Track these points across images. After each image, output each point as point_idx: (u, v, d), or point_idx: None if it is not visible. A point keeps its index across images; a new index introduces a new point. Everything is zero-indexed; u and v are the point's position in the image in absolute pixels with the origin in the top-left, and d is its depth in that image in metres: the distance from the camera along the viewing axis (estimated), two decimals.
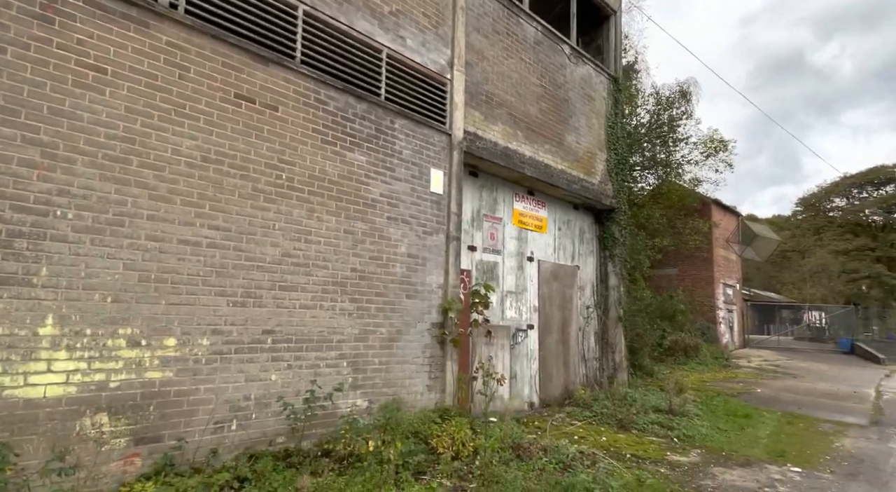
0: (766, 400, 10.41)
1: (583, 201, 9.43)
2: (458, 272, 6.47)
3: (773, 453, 6.02)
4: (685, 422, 7.25)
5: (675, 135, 20.29)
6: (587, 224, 9.88)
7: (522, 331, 8.05)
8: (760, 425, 7.76)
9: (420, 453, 4.43)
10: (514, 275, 8.05)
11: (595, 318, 9.66)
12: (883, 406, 10.41)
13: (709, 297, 24.37)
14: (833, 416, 9.01)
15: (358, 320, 5.19)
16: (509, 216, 8.11)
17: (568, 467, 4.66)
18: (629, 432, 6.71)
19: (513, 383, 7.69)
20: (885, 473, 5.49)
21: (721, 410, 8.72)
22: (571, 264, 9.32)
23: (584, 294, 9.56)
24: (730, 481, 4.89)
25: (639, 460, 5.41)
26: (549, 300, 8.65)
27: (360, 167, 5.38)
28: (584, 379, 9.17)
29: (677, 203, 20.21)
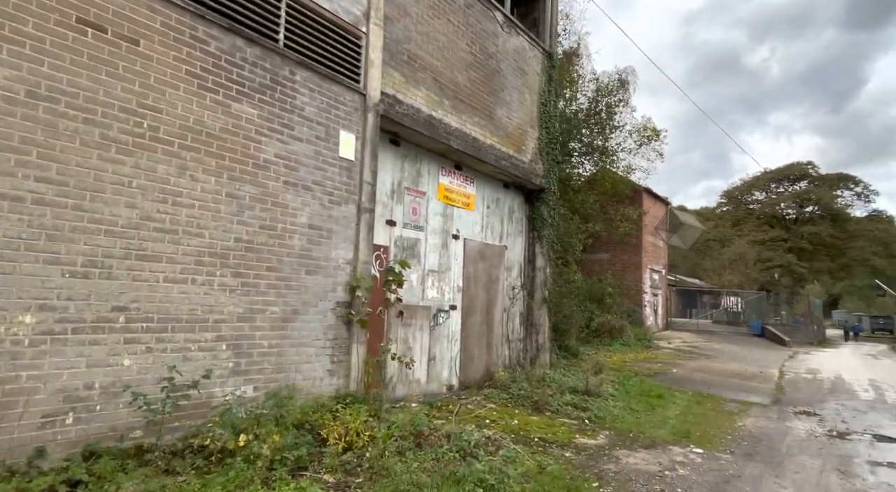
0: (679, 380, 10.79)
1: (513, 180, 9.14)
2: (370, 247, 5.95)
3: (679, 434, 6.07)
4: (599, 403, 7.24)
5: (612, 122, 20.62)
6: (517, 204, 9.63)
7: (444, 312, 7.69)
8: (671, 406, 7.92)
9: (304, 446, 3.94)
10: (437, 253, 7.64)
11: (521, 299, 9.50)
12: (784, 386, 11.11)
13: (637, 281, 25.38)
14: (739, 395, 9.44)
15: (243, 298, 4.57)
16: (434, 191, 7.65)
17: (469, 454, 4.35)
18: (543, 414, 6.57)
19: (431, 365, 7.35)
20: (780, 452, 5.64)
21: (636, 390, 8.87)
22: (499, 244, 9.05)
23: (511, 275, 9.35)
24: (633, 464, 4.79)
25: (546, 444, 5.22)
26: (474, 280, 8.34)
27: (250, 122, 4.68)
28: (507, 360, 9.02)
29: (610, 189, 20.65)
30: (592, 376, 8.32)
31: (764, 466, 5.05)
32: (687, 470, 4.74)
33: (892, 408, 8.91)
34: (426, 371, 7.23)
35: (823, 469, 5.05)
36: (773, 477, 4.71)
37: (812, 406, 8.74)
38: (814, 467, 5.12)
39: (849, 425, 7.30)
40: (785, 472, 4.90)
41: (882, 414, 8.28)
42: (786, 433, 6.55)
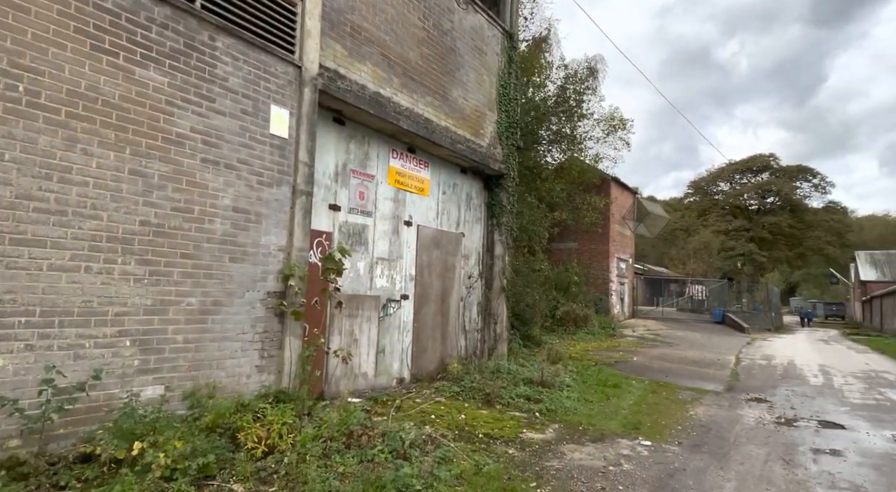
0: (639, 369, 10.80)
1: (470, 165, 8.81)
2: (307, 233, 5.53)
3: (630, 426, 5.93)
4: (553, 394, 7.07)
5: (580, 110, 20.49)
6: (475, 190, 9.32)
7: (395, 302, 7.35)
8: (627, 395, 7.83)
9: (214, 452, 3.56)
10: (387, 240, 7.27)
11: (479, 288, 9.25)
12: (739, 372, 11.26)
13: (604, 270, 25.60)
14: (695, 383, 9.48)
15: (152, 288, 4.11)
16: (384, 174, 7.25)
17: (402, 456, 4.05)
18: (493, 407, 6.35)
19: (380, 358, 7.01)
20: (727, 442, 5.57)
21: (593, 380, 8.77)
22: (456, 231, 8.73)
23: (469, 263, 9.07)
24: (577, 460, 4.60)
25: (490, 441, 4.98)
26: (428, 269, 8.01)
27: (159, 91, 4.18)
28: (464, 351, 8.78)
29: (577, 178, 20.60)
30: (548, 367, 8.16)
31: (710, 457, 4.94)
32: (632, 465, 4.57)
33: (838, 393, 9.09)
34: (374, 364, 6.89)
35: (768, 459, 4.97)
36: (718, 469, 4.60)
37: (764, 393, 8.83)
38: (759, 456, 5.05)
39: (797, 412, 7.35)
40: (730, 463, 4.79)
41: (828, 399, 8.41)
42: (735, 422, 6.52)
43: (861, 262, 41.08)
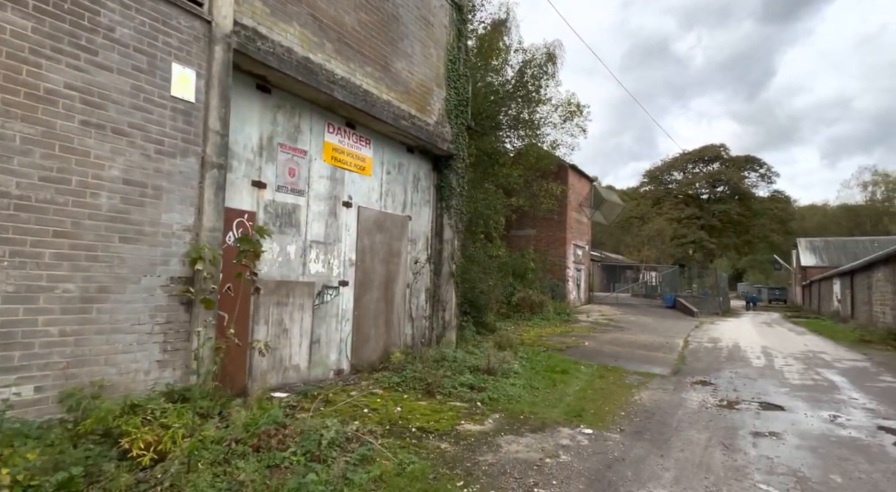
0: (589, 354, 10.76)
1: (417, 143, 8.34)
2: (221, 211, 4.95)
3: (573, 413, 5.72)
4: (499, 382, 6.80)
5: (538, 95, 20.27)
6: (423, 171, 8.87)
7: (333, 288, 6.86)
8: (574, 381, 7.68)
9: (83, 464, 3.02)
10: (323, 222, 6.74)
11: (427, 274, 8.86)
12: (686, 356, 11.42)
13: (560, 256, 25.80)
14: (642, 367, 9.48)
15: (14, 272, 3.47)
16: (318, 150, 6.69)
17: (317, 458, 3.62)
18: (433, 397, 6.00)
19: (315, 348, 6.52)
20: (670, 428, 5.44)
21: (543, 366, 8.60)
22: (402, 214, 8.28)
23: (416, 247, 8.65)
24: (513, 452, 4.31)
25: (423, 435, 4.62)
26: (370, 253, 7.54)
27: (21, 37, 3.50)
28: (411, 340, 8.39)
29: (535, 164, 20.47)
30: (496, 354, 7.90)
31: (651, 445, 4.77)
32: (570, 455, 4.32)
33: (778, 374, 9.29)
34: (307, 356, 6.40)
35: (709, 444, 4.85)
36: (658, 457, 4.42)
37: (708, 375, 8.91)
38: (700, 442, 4.93)
39: (739, 394, 7.40)
40: (671, 450, 4.63)
41: (769, 381, 8.56)
42: (679, 406, 6.45)
43: (802, 248, 43.36)
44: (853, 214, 63.63)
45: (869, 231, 54.73)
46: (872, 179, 64.36)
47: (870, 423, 5.87)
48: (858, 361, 11.12)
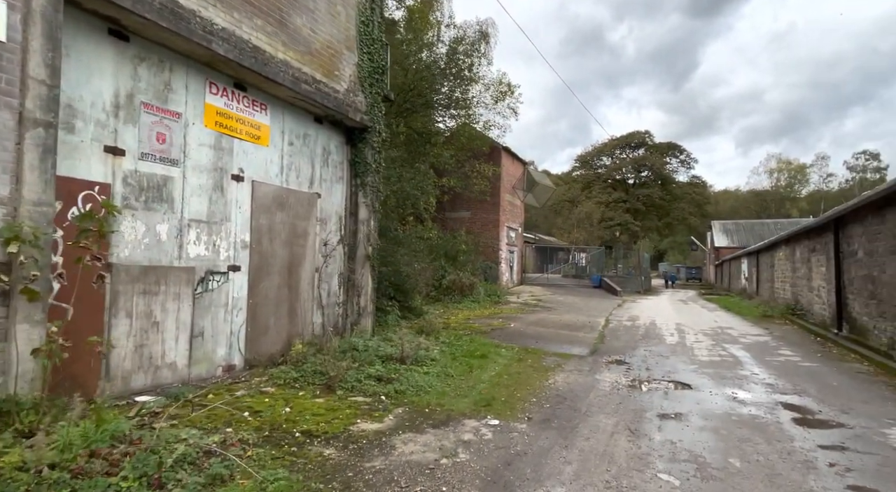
0: (513, 336, 10.62)
1: (325, 112, 7.56)
2: (49, 181, 4.01)
3: (482, 402, 5.39)
4: (411, 372, 6.36)
5: (470, 74, 19.77)
6: (334, 144, 8.11)
7: (220, 274, 6.04)
8: (491, 365, 7.41)
9: None
10: (206, 198, 5.87)
11: (340, 257, 8.18)
12: (606, 334, 11.62)
13: (494, 238, 25.87)
14: (562, 347, 9.45)
15: None
16: (198, 113, 5.77)
17: (157, 482, 2.96)
18: (334, 393, 5.44)
19: (197, 343, 5.72)
20: (579, 413, 5.25)
21: (463, 351, 8.28)
22: (308, 191, 7.51)
23: (327, 228, 7.93)
24: (407, 454, 3.86)
25: (307, 441, 4.06)
26: (269, 234, 6.75)
27: None
28: (321, 329, 7.73)
29: (467, 144, 20.10)
30: (412, 340, 7.45)
31: (557, 434, 4.51)
32: (470, 453, 3.95)
33: (689, 351, 9.60)
34: (187, 351, 5.59)
35: (615, 430, 4.68)
36: (562, 449, 4.16)
37: (624, 354, 9.01)
38: (607, 428, 4.75)
39: (650, 373, 7.46)
40: (576, 439, 4.40)
41: (680, 358, 8.79)
42: (591, 388, 6.33)
43: (715, 230, 46.71)
44: (760, 198, 69.61)
45: (773, 214, 60.14)
46: (777, 166, 70.57)
47: (769, 399, 6.02)
48: (760, 336, 11.84)
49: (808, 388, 6.60)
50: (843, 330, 10.97)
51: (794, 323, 14.32)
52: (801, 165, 70.38)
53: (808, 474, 3.72)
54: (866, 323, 9.74)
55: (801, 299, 15.47)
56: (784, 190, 70.77)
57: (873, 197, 9.10)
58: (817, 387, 6.66)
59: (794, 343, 10.80)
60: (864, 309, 9.92)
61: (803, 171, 70.34)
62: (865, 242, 9.89)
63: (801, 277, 15.81)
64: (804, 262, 15.38)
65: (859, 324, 10.13)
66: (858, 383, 6.90)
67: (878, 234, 9.27)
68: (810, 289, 14.58)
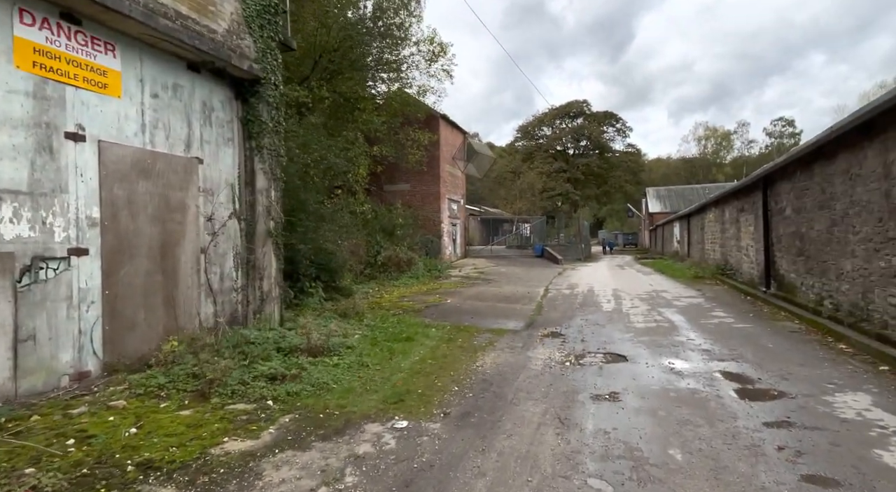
0: (447, 312, 9.90)
1: (200, 58, 6.21)
2: None
3: (394, 398, 4.57)
4: (317, 365, 5.44)
5: (400, 32, 18.32)
6: (220, 98, 6.77)
7: (55, 260, 4.74)
8: (416, 349, 6.61)
9: None
10: (24, 161, 4.50)
11: (235, 234, 6.98)
12: (544, 305, 11.16)
13: (435, 211, 24.99)
14: (497, 322, 8.82)
15: None
16: (5, 50, 4.35)
17: None
18: (207, 401, 4.41)
19: (26, 349, 4.45)
20: (505, 401, 4.55)
21: (387, 334, 7.43)
22: (185, 155, 6.20)
23: (215, 200, 6.68)
24: (275, 484, 2.97)
25: (140, 477, 3.05)
26: (129, 209, 5.46)
27: None
28: (213, 319, 6.57)
29: (400, 110, 18.85)
30: (320, 327, 6.48)
31: (475, 433, 3.77)
32: (359, 474, 3.10)
33: (625, 317, 9.27)
34: (10, 361, 4.32)
35: (542, 422, 4.01)
36: (478, 454, 3.41)
37: (560, 325, 8.52)
38: (533, 419, 4.07)
39: (586, 345, 6.95)
40: (497, 438, 3.68)
41: (616, 326, 8.40)
42: (522, 368, 5.68)
43: (650, 196, 48.30)
44: (690, 165, 72.95)
45: (702, 180, 63.18)
46: (705, 133, 73.97)
47: (706, 368, 5.62)
48: (694, 298, 11.82)
49: (744, 352, 6.31)
50: (771, 288, 11.11)
51: (725, 283, 14.60)
52: (726, 132, 74.19)
53: (756, 464, 3.19)
54: (794, 280, 9.80)
55: (731, 259, 15.82)
56: (711, 156, 74.49)
57: (802, 152, 8.97)
58: (753, 350, 6.38)
59: (726, 303, 10.80)
60: (791, 266, 9.97)
61: (728, 137, 74.23)
62: (794, 199, 9.86)
63: (730, 238, 16.14)
64: (733, 222, 15.66)
65: (787, 281, 10.21)
66: (792, 344, 6.71)
67: (805, 190, 9.20)
68: (739, 249, 14.87)
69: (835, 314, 7.71)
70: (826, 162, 8.28)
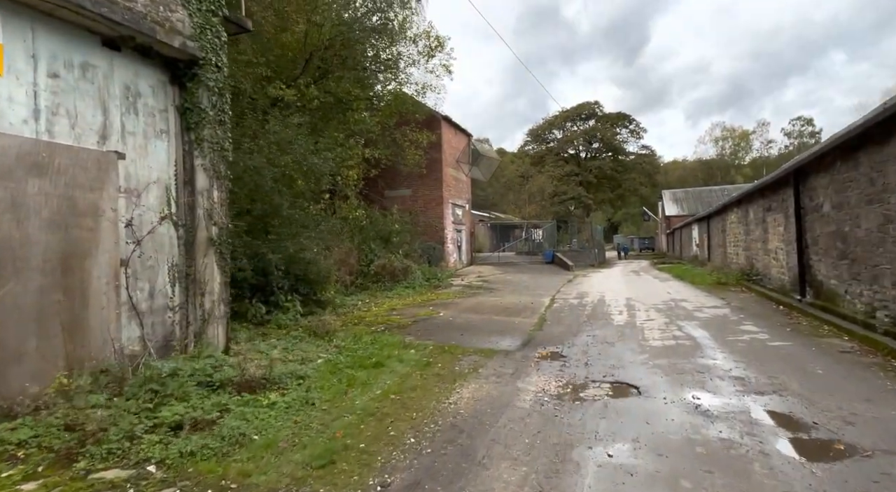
0: (435, 329, 8.72)
1: (117, 32, 5.20)
2: None
3: (322, 459, 3.40)
4: (247, 405, 4.33)
5: (396, 26, 17.33)
6: (149, 82, 5.75)
7: None
8: (383, 378, 5.46)
9: None
10: None
11: (170, 242, 5.92)
12: (547, 317, 9.92)
13: (438, 217, 23.88)
14: (490, 340, 7.63)
15: None
16: None
17: None
18: (72, 466, 3.29)
19: None
20: (472, 462, 3.36)
21: (354, 358, 6.31)
22: (99, 148, 5.18)
23: (142, 202, 5.63)
24: None
25: None
26: (13, 213, 4.42)
27: None
28: (139, 345, 5.49)
29: (396, 110, 17.82)
30: (260, 354, 5.38)
31: None
32: None
33: (639, 333, 8.00)
34: None
35: None
36: None
37: (563, 343, 7.29)
38: None
39: (589, 370, 5.73)
40: None
41: (628, 344, 7.14)
42: (505, 407, 4.48)
43: (666, 199, 46.56)
44: (707, 166, 70.77)
45: (720, 182, 61.04)
46: (722, 134, 71.80)
47: (741, 404, 4.37)
48: (718, 308, 10.47)
49: (787, 381, 5.02)
50: (807, 296, 9.71)
51: (752, 290, 13.17)
52: (744, 132, 71.90)
53: None
54: (835, 287, 8.41)
55: (757, 264, 14.37)
56: (729, 158, 72.25)
57: (843, 138, 7.62)
58: (799, 378, 5.09)
59: (756, 315, 9.43)
60: (832, 271, 8.59)
61: (747, 137, 71.92)
62: (833, 194, 8.50)
63: (755, 240, 14.70)
64: (759, 223, 14.23)
65: (826, 288, 8.82)
66: (847, 369, 5.39)
67: (849, 182, 7.84)
68: (766, 252, 13.44)
69: (893, 329, 6.36)
70: (876, 147, 6.95)
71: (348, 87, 16.88)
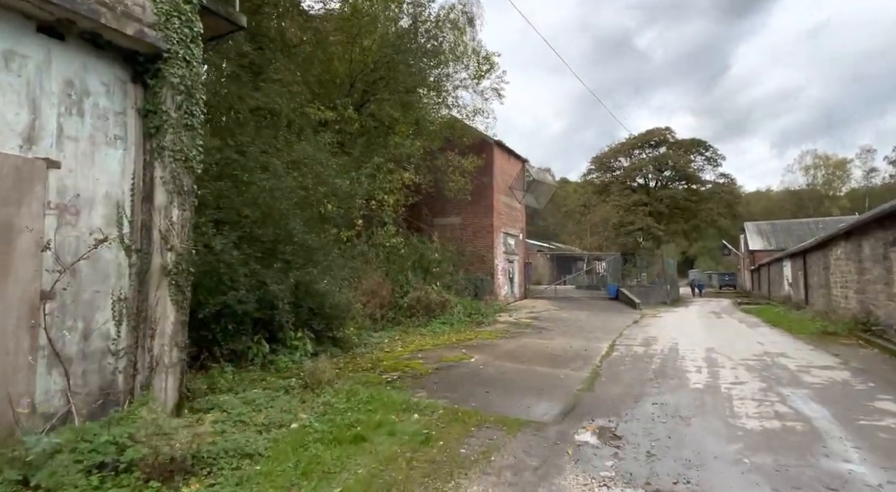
0: (458, 380, 7.10)
1: (57, 17, 4.36)
2: None
3: None
4: None
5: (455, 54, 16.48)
6: (104, 80, 4.87)
7: None
8: (358, 460, 3.96)
9: None
10: None
11: (120, 271, 4.88)
12: (602, 372, 7.96)
13: (488, 247, 22.32)
14: (521, 403, 5.90)
15: None
16: None
17: None
18: None
19: None
20: None
21: (333, 425, 4.88)
22: (20, 154, 4.26)
23: (84, 222, 4.65)
24: None
25: None
26: None
27: None
28: (62, 400, 4.37)
29: (442, 134, 16.78)
30: (185, 425, 4.06)
31: None
32: None
33: (725, 405, 5.90)
34: None
35: None
36: None
37: (617, 415, 5.41)
38: None
39: (653, 468, 3.88)
40: None
41: (710, 423, 5.13)
42: None
43: (749, 232, 41.95)
44: (796, 197, 63.96)
45: (811, 214, 54.52)
46: (814, 162, 64.97)
47: None
48: (833, 370, 7.96)
49: None
50: None
51: (872, 344, 10.31)
52: (841, 160, 64.57)
53: None
54: None
55: (877, 311, 11.42)
56: (822, 188, 64.91)
57: None
58: None
59: (891, 382, 6.93)
60: None
61: (843, 166, 64.43)
62: None
63: (872, 282, 11.78)
64: (877, 261, 11.39)
65: None
66: None
67: None
68: (889, 296, 10.59)
69: None
70: None
71: (390, 111, 16.15)
